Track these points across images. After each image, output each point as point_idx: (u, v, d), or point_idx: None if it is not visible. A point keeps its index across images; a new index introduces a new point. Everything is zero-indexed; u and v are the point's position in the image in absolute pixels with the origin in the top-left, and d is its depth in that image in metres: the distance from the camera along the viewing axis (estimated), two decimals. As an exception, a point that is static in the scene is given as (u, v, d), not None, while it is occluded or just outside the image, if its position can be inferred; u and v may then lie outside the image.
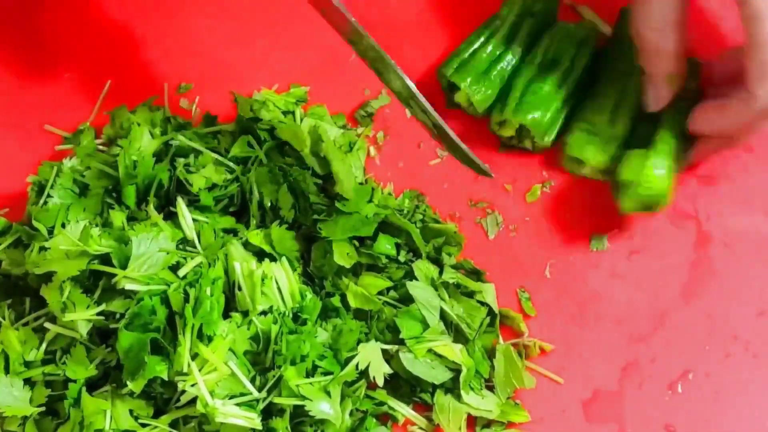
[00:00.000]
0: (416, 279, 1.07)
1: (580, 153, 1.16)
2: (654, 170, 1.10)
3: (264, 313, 0.99)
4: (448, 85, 1.23)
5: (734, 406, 1.08)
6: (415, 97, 1.06)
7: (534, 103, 1.17)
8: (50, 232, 1.04)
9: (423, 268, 1.07)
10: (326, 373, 0.99)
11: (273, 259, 1.04)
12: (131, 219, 1.05)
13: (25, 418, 1.00)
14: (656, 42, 1.10)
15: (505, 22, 1.22)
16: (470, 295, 1.09)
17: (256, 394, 0.97)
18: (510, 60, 1.21)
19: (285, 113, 1.17)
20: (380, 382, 1.02)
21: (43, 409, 1.00)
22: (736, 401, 1.08)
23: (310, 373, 0.99)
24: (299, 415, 0.98)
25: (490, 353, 1.08)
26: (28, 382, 1.01)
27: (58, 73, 1.27)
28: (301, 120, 1.17)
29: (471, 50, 1.22)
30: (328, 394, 0.98)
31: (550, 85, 1.18)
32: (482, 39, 1.22)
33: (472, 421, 1.07)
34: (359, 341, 1.03)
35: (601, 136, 1.16)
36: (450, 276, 1.08)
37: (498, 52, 1.22)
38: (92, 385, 1.01)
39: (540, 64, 1.20)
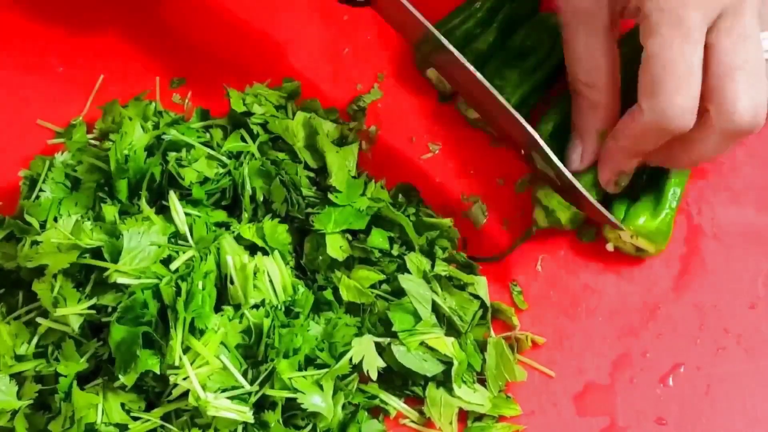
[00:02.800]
0: (408, 272, 1.07)
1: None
2: (664, 225, 1.11)
3: (256, 306, 0.99)
4: (421, 59, 1.23)
5: (726, 399, 1.08)
6: (540, 147, 1.04)
7: (500, 87, 1.17)
8: (42, 226, 1.04)
9: (415, 260, 1.07)
10: (318, 366, 0.99)
11: (265, 252, 1.04)
12: (123, 213, 1.05)
13: (14, 413, 1.00)
14: (590, 97, 1.08)
15: (484, 4, 1.23)
16: (462, 287, 1.10)
17: (248, 387, 0.97)
18: (484, 42, 1.21)
19: (277, 108, 1.17)
20: (374, 376, 1.02)
21: (31, 402, 1.00)
22: (728, 394, 1.08)
23: (303, 366, 0.99)
24: (291, 408, 0.99)
25: (482, 346, 1.08)
26: (19, 377, 1.01)
27: (50, 68, 1.27)
28: (293, 114, 1.17)
29: (447, 28, 1.23)
30: (321, 387, 0.98)
31: (519, 71, 1.18)
32: (460, 18, 1.23)
33: (463, 414, 1.07)
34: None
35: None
36: (442, 269, 1.08)
37: (474, 33, 1.22)
38: (84, 379, 1.00)
39: (514, 50, 1.20)
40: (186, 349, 0.95)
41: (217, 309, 0.99)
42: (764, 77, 0.99)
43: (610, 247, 1.13)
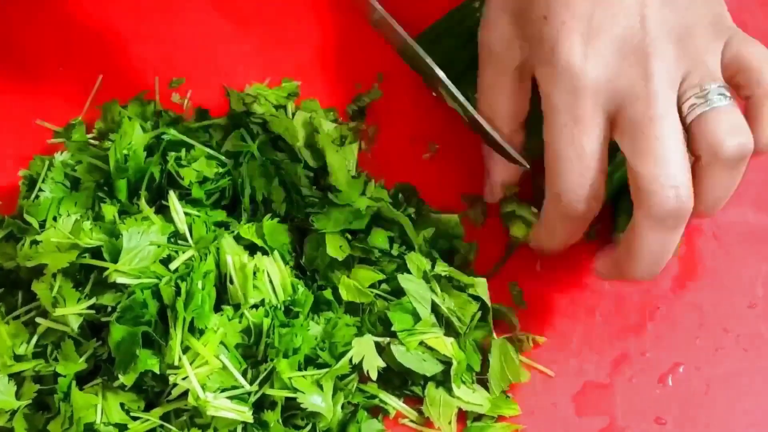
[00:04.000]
0: (408, 272, 1.06)
1: None
2: None
3: (256, 306, 0.99)
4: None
5: (725, 399, 1.08)
6: (447, 87, 1.05)
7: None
8: (42, 225, 1.04)
9: (416, 260, 1.07)
10: (319, 366, 0.99)
11: (264, 252, 1.04)
12: (123, 213, 1.05)
13: (13, 413, 1.00)
14: (577, 210, 1.00)
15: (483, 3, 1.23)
16: (462, 289, 1.10)
17: (247, 387, 0.97)
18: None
19: (277, 107, 1.17)
20: (374, 376, 1.02)
21: (30, 402, 1.00)
22: (727, 394, 1.08)
23: (303, 366, 0.99)
24: (291, 408, 0.99)
25: (484, 347, 1.08)
26: (18, 377, 1.01)
27: (49, 68, 1.27)
28: (293, 114, 1.17)
29: (447, 26, 1.22)
30: (321, 387, 0.98)
31: None
32: (460, 16, 1.23)
33: (463, 414, 1.07)
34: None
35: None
36: (442, 269, 1.08)
37: (473, 32, 1.22)
38: (83, 378, 1.00)
39: None
40: (185, 349, 0.95)
41: (217, 309, 0.99)
42: (677, 154, 0.93)
43: None
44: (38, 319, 1.01)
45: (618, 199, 1.14)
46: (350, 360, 1.00)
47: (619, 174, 1.12)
